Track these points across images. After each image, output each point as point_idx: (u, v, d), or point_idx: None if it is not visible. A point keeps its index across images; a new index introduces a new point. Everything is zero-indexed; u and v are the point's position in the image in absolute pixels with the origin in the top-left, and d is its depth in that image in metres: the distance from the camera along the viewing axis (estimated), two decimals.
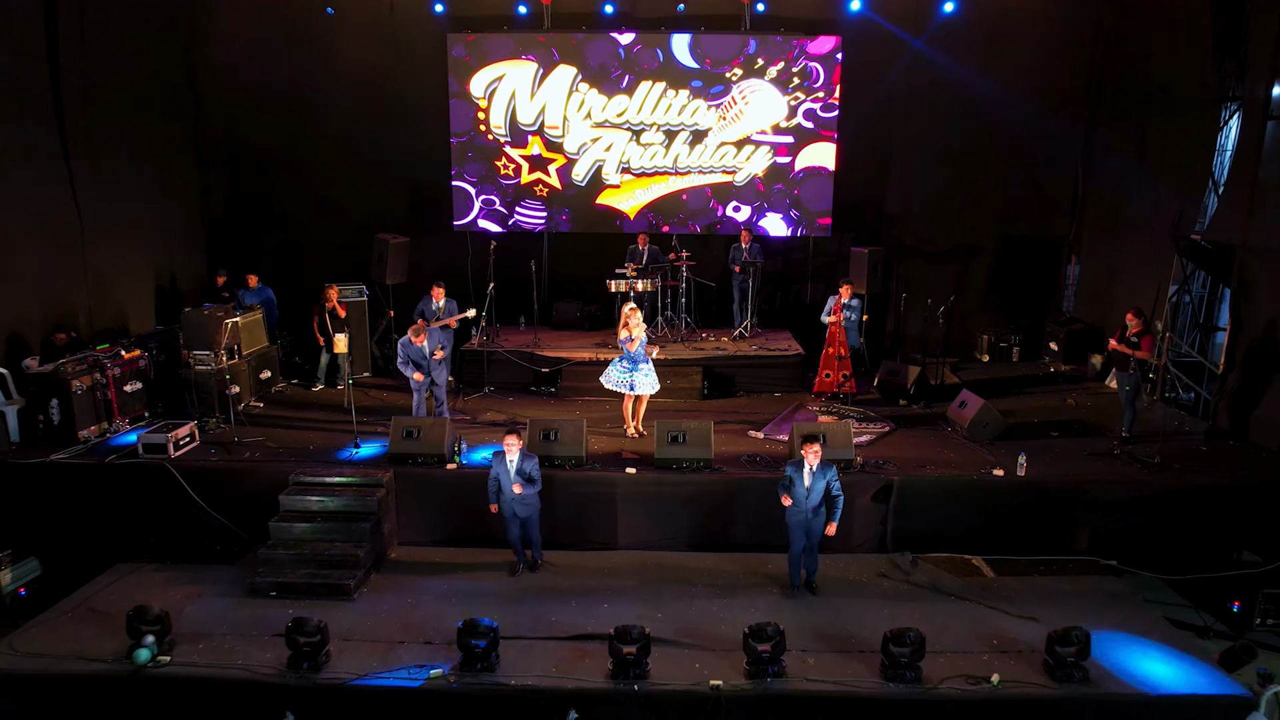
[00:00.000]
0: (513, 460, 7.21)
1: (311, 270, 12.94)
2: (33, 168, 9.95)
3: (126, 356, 9.59)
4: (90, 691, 6.18)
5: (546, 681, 6.07)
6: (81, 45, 10.55)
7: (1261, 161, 9.44)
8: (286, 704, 6.05)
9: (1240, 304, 9.75)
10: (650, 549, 8.15)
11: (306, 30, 12.74)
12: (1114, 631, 6.74)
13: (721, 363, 11.24)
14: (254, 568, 7.65)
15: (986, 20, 12.26)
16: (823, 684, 6.04)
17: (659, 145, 13.01)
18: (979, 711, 5.98)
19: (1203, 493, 8.32)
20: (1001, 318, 13.66)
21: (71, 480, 8.43)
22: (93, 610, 7.06)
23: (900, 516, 8.24)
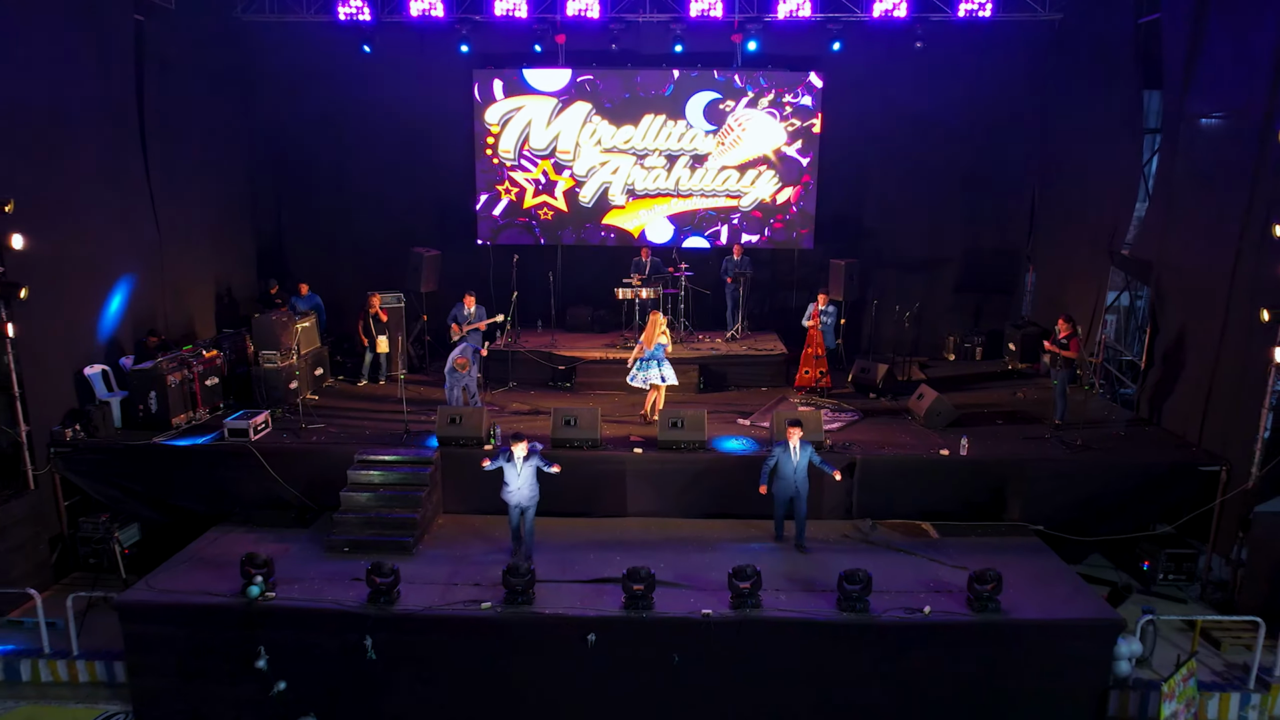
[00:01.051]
0: (517, 457, 8.45)
1: (349, 279, 14.57)
2: (122, 188, 11.49)
3: (207, 356, 11.24)
4: (213, 618, 7.81)
5: (573, 611, 7.70)
6: (163, 77, 12.18)
7: (1173, 186, 11.07)
8: (366, 630, 7.67)
9: (1157, 311, 11.37)
10: (654, 515, 9.79)
11: (346, 65, 14.28)
12: (1027, 576, 8.35)
13: (715, 361, 12.90)
14: (327, 530, 9.28)
15: (952, 58, 13.82)
16: (790, 612, 7.67)
17: (661, 169, 14.66)
18: (913, 634, 7.59)
19: (1116, 470, 9.96)
20: (967, 321, 15.32)
21: (170, 459, 10.06)
22: (203, 561, 8.69)
23: (863, 489, 9.87)
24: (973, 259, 15.11)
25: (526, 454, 8.43)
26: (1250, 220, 9.29)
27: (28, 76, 9.57)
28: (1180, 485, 9.84)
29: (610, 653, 7.59)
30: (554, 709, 7.78)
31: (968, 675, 7.66)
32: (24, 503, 9.38)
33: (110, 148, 11.17)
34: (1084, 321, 12.86)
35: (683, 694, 7.65)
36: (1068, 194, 13.84)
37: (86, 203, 10.61)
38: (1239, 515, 9.32)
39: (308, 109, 14.65)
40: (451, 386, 10.79)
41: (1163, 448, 10.36)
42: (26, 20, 9.57)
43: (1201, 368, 10.26)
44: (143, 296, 11.96)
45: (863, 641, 7.63)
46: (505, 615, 7.70)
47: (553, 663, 7.71)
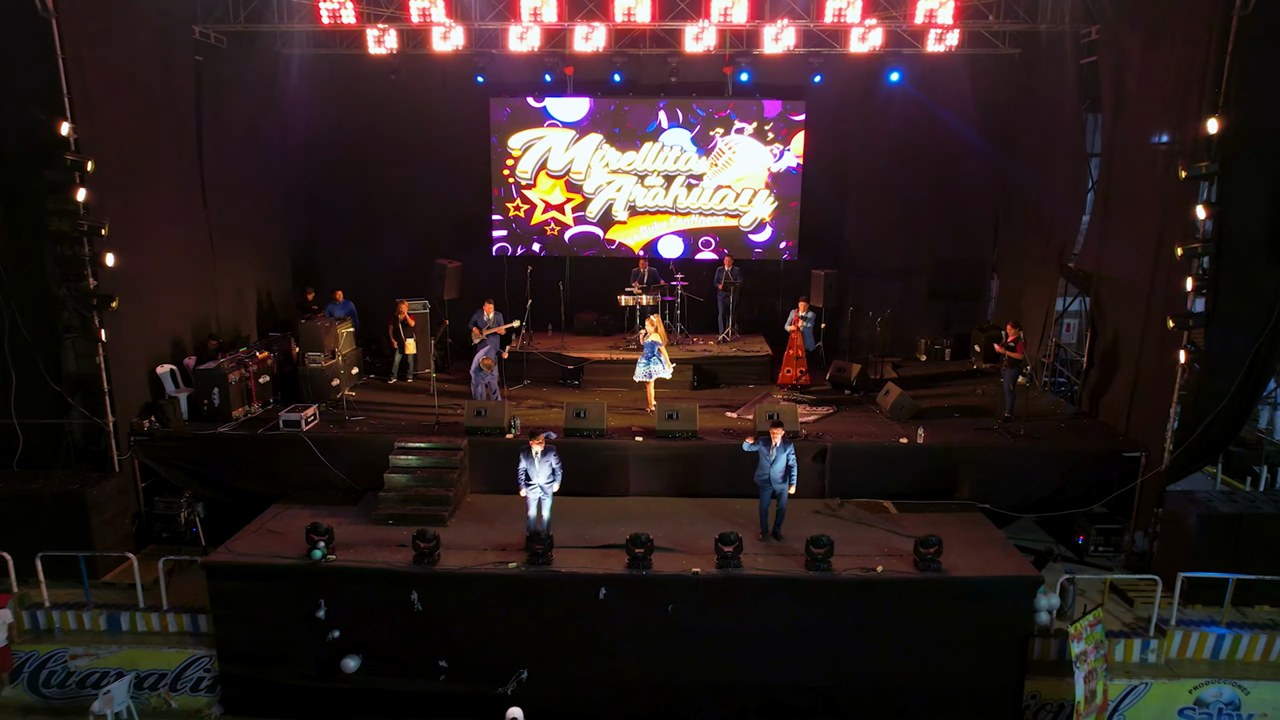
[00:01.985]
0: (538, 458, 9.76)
1: (375, 287, 15.99)
2: (184, 210, 13.05)
3: (260, 356, 12.79)
4: (283, 576, 9.35)
5: (585, 570, 9.24)
6: (216, 109, 13.71)
7: (1108, 206, 12.61)
8: (412, 586, 9.21)
9: (1096, 317, 12.92)
10: (653, 495, 11.33)
11: (374, 92, 15.76)
12: (967, 543, 9.88)
13: (707, 361, 14.45)
14: (371, 507, 10.81)
15: (923, 87, 15.31)
16: (765, 571, 9.22)
17: (659, 187, 16.20)
18: (867, 588, 9.13)
19: (1053, 456, 11.50)
20: (937, 325, 16.85)
21: (232, 446, 11.61)
22: (269, 531, 10.23)
23: (833, 472, 11.41)
24: (942, 269, 16.64)
25: (544, 449, 9.82)
26: (1161, 241, 10.83)
27: (116, 120, 11.08)
28: (1107, 469, 11.35)
29: (616, 604, 9.14)
30: (570, 650, 9.30)
31: (913, 622, 9.18)
32: (112, 483, 10.90)
33: (175, 176, 12.73)
34: (1039, 326, 14.43)
35: (676, 637, 9.19)
36: (1026, 210, 15.36)
37: (157, 224, 12.15)
38: (1155, 494, 10.86)
39: (338, 132, 16.15)
40: (476, 384, 12.34)
41: (1094, 437, 11.92)
42: (115, 72, 11.09)
43: (1128, 367, 11.82)
44: (200, 305, 13.54)
45: (825, 594, 9.16)
46: (529, 573, 9.24)
47: (569, 612, 9.24)
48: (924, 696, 9.25)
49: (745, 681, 9.28)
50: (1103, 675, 8.93)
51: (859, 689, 9.28)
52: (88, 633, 9.94)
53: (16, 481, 10.65)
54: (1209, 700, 9.40)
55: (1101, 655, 9.01)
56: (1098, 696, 8.84)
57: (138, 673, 9.69)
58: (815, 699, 9.28)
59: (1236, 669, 9.49)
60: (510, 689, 9.01)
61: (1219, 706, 9.40)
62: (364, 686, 9.39)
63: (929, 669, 9.21)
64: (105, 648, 9.78)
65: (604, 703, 9.36)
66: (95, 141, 10.50)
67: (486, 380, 12.35)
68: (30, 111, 10.05)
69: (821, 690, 9.27)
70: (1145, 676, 9.44)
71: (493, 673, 9.15)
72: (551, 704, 9.21)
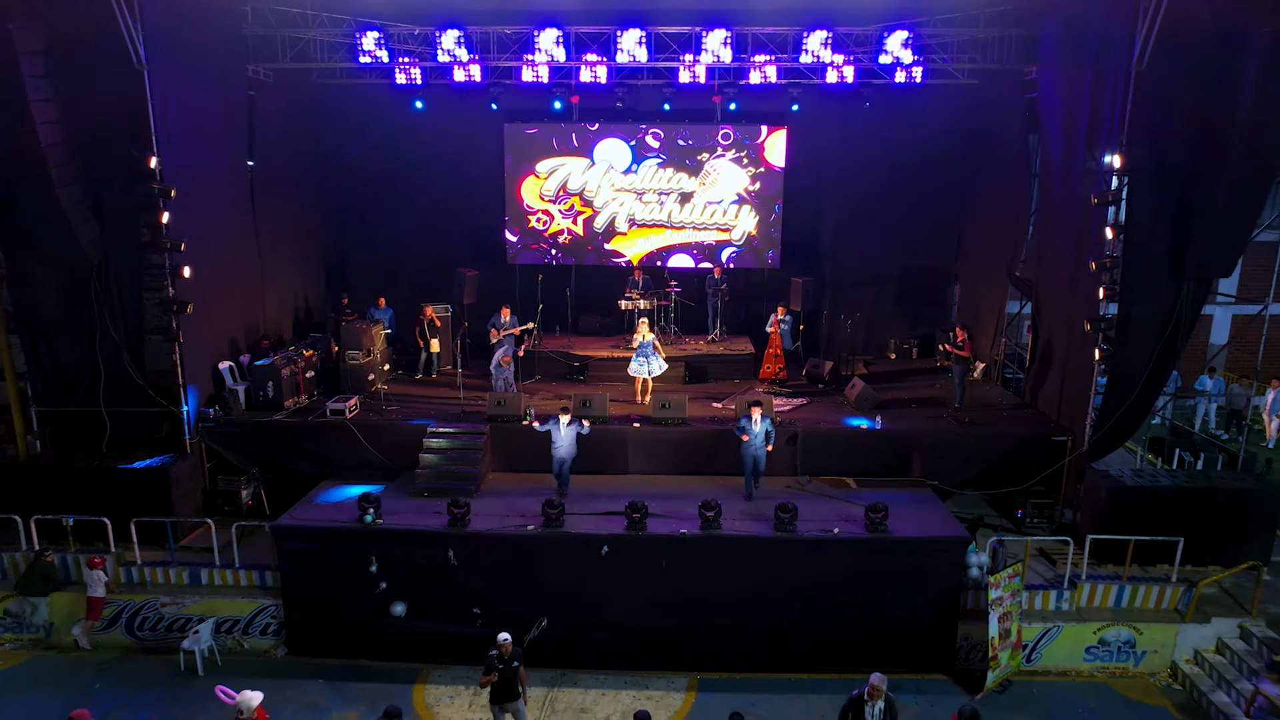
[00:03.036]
0: (564, 423, 12.00)
1: (400, 293, 17.81)
2: (238, 227, 14.91)
3: (306, 354, 14.66)
4: (339, 537, 11.22)
5: (591, 531, 11.11)
6: (264, 132, 15.56)
7: (1046, 221, 14.46)
8: (448, 545, 11.08)
9: (1036, 320, 14.79)
10: (648, 473, 13.20)
11: (400, 118, 17.55)
12: (913, 512, 11.75)
13: (698, 359, 16.32)
14: (407, 484, 12.68)
15: (891, 113, 17.07)
16: (740, 532, 11.09)
17: (655, 203, 18.09)
18: (825, 546, 10.99)
19: (992, 440, 13.36)
20: (905, 327, 18.73)
21: (285, 432, 13.48)
22: (323, 502, 12.10)
23: (803, 453, 13.27)
24: (909, 276, 18.52)
25: (569, 420, 11.81)
26: (1081, 255, 12.70)
27: (189, 152, 12.92)
28: (1039, 451, 13.19)
29: (616, 559, 11.02)
30: (577, 597, 11.15)
31: (863, 575, 11.04)
32: (185, 463, 12.78)
33: (232, 197, 14.59)
34: (991, 328, 16.31)
35: (667, 585, 11.06)
36: (982, 224, 17.24)
37: (219, 240, 14.01)
38: (1078, 473, 12.72)
39: (367, 153, 18.00)
40: (497, 379, 14.21)
41: (1030, 424, 13.79)
42: (188, 111, 12.93)
43: (1059, 363, 13.69)
44: (250, 309, 15.42)
45: (790, 551, 11.03)
46: (545, 534, 11.12)
47: (577, 566, 11.10)
48: (875, 636, 11.10)
49: (724, 624, 11.15)
50: (1018, 618, 10.81)
51: (820, 630, 11.13)
52: (173, 586, 11.85)
53: (108, 461, 12.52)
54: (1110, 639, 11.27)
55: (1018, 602, 10.89)
56: (1012, 635, 10.72)
57: (217, 618, 11.57)
58: (782, 638, 11.14)
59: (1134, 614, 11.37)
60: (533, 634, 10.86)
61: (1118, 645, 11.28)
62: (409, 630, 11.24)
63: (878, 613, 11.07)
64: (189, 597, 11.67)
65: (608, 643, 11.20)
66: (174, 171, 12.36)
67: (505, 375, 14.22)
68: (125, 148, 11.89)
69: (788, 630, 11.13)
70: (1059, 621, 11.32)
71: (516, 618, 10.95)
72: (565, 644, 11.07)
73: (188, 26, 12.79)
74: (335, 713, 10.47)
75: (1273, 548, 12.03)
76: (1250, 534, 11.73)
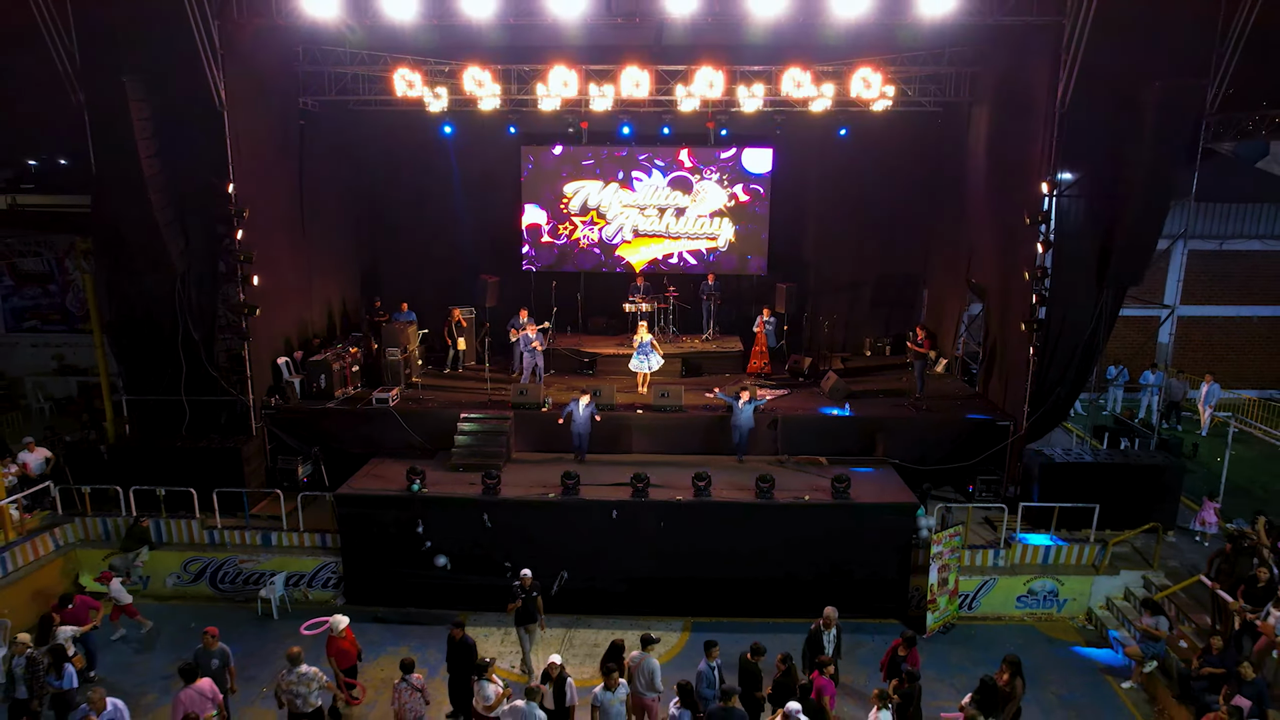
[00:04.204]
0: (582, 404, 14.25)
1: (427, 298, 19.96)
2: (291, 242, 17.07)
3: (352, 351, 16.83)
4: (390, 504, 13.37)
5: (602, 498, 13.27)
6: (311, 156, 17.70)
7: (991, 235, 16.62)
8: (483, 510, 13.24)
9: (988, 320, 16.96)
10: (650, 453, 15.35)
11: (428, 140, 19.78)
12: (874, 483, 13.91)
13: (693, 355, 18.48)
14: (444, 460, 14.83)
15: (866, 137, 19.26)
16: (727, 499, 13.25)
17: (654, 216, 20.27)
18: (797, 511, 13.13)
19: (945, 425, 15.53)
20: (879, 327, 20.91)
21: (336, 418, 15.64)
22: (375, 475, 14.27)
23: (783, 437, 15.42)
24: (883, 282, 20.70)
25: (587, 403, 14.04)
26: (1020, 265, 14.86)
27: (255, 177, 15.07)
28: (986, 435, 15.35)
29: (624, 522, 13.18)
30: (590, 553, 13.28)
31: (829, 534, 13.18)
32: (253, 444, 14.92)
33: (287, 215, 16.74)
34: (952, 328, 18.46)
35: (666, 544, 13.20)
36: (945, 236, 19.40)
37: (278, 252, 16.16)
38: (1019, 453, 14.87)
39: (398, 171, 20.21)
40: (527, 363, 16.43)
41: (979, 411, 15.94)
42: (255, 142, 15.08)
43: (1004, 359, 15.86)
44: (300, 312, 17.57)
45: (768, 515, 13.19)
46: (564, 500, 13.29)
47: (591, 527, 13.24)
48: (839, 586, 13.18)
49: (712, 575, 13.30)
50: (955, 570, 12.97)
51: (793, 581, 13.27)
52: (248, 546, 14.00)
53: (188, 442, 14.67)
54: (1037, 589, 13.44)
55: (956, 557, 13.05)
56: (949, 584, 12.89)
57: (286, 573, 13.72)
58: (762, 587, 13.29)
59: (1058, 569, 13.53)
60: (557, 587, 12.99)
61: (1044, 594, 13.44)
62: (450, 581, 13.39)
63: (842, 567, 13.21)
64: (262, 555, 13.83)
65: (619, 594, 13.34)
66: (245, 195, 14.52)
67: (536, 361, 16.43)
68: (207, 176, 14.04)
69: (766, 581, 13.28)
70: (995, 575, 13.49)
71: (539, 572, 13.06)
72: (581, 594, 13.22)
73: (256, 71, 14.94)
74: (390, 647, 12.59)
75: (1177, 514, 14.23)
76: (1158, 503, 13.90)
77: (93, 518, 14.10)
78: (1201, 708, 9.91)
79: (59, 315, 21.70)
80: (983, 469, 15.30)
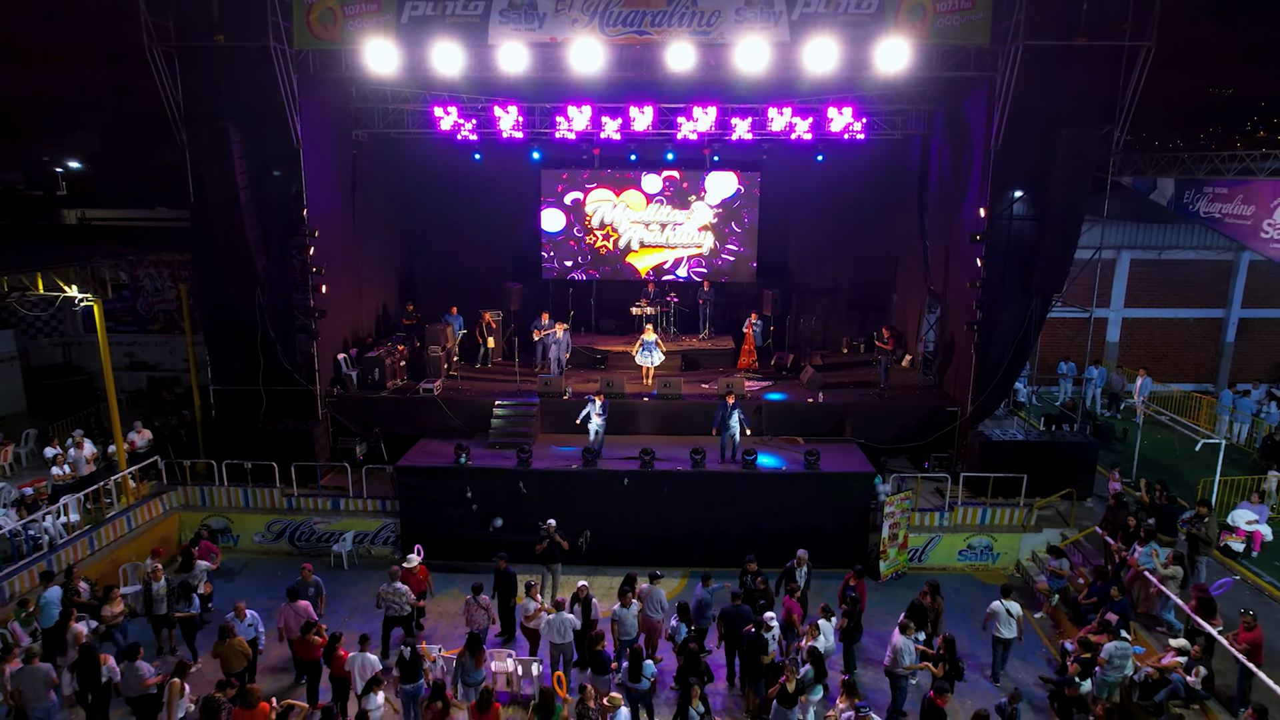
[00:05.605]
0: (595, 402, 17.02)
1: (457, 302, 22.75)
2: (346, 255, 19.92)
3: (399, 349, 19.68)
4: (441, 473, 16.20)
5: (616, 467, 16.12)
6: (361, 180, 20.55)
7: (948, 250, 19.47)
8: (518, 479, 16.08)
9: (943, 322, 19.81)
10: (655, 434, 18.20)
11: (458, 166, 22.63)
12: (840, 457, 16.75)
13: (690, 352, 21.35)
14: (482, 439, 17.66)
15: (842, 162, 22.12)
16: (718, 470, 16.10)
17: (656, 229, 23.16)
18: (776, 478, 15.98)
19: (904, 410, 18.38)
20: (854, 328, 23.77)
21: (388, 405, 18.49)
22: (426, 452, 17.11)
23: (767, 420, 18.26)
24: (858, 288, 23.57)
25: (602, 401, 16.84)
26: (961, 275, 17.70)
27: (321, 202, 17.91)
28: (939, 419, 18.19)
29: (633, 489, 16.02)
30: (604, 515, 16.08)
31: (804, 499, 16.01)
32: (320, 427, 17.76)
33: (344, 233, 19.59)
34: (915, 329, 21.30)
35: (668, 505, 16.04)
36: (909, 248, 22.24)
37: (338, 264, 19.00)
38: (965, 434, 17.71)
39: (434, 193, 23.08)
40: (552, 355, 19.24)
41: (934, 399, 18.79)
42: (322, 172, 17.94)
43: (954, 355, 18.70)
44: (354, 315, 20.43)
45: (752, 482, 16.03)
46: (584, 471, 16.14)
47: (606, 492, 16.08)
48: (812, 540, 15.91)
49: (706, 532, 16.11)
50: (905, 527, 15.82)
51: (773, 536, 16.02)
52: (321, 510, 16.85)
53: (267, 425, 17.50)
54: (975, 545, 16.28)
55: (906, 517, 15.89)
56: (899, 538, 15.75)
57: (354, 532, 16.56)
58: (747, 542, 16.05)
59: (992, 528, 16.37)
60: (585, 545, 15.77)
61: (980, 548, 16.29)
62: (489, 538, 16.21)
63: (813, 524, 16.00)
64: (333, 518, 16.69)
65: (629, 548, 16.12)
66: (314, 217, 17.36)
67: (558, 354, 19.25)
68: (285, 202, 16.87)
69: (751, 536, 16.05)
70: (939, 533, 16.34)
71: (565, 529, 15.84)
72: (599, 549, 16.02)
73: (322, 112, 17.82)
74: (441, 592, 15.39)
75: (1093, 483, 17.08)
76: (1077, 474, 16.73)
77: (191, 487, 16.96)
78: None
79: (130, 317, 24.51)
80: (936, 447, 18.16)
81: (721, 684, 12.44)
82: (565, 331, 19.63)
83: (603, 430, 16.96)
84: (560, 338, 19.37)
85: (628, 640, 12.05)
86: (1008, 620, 12.27)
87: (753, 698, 11.66)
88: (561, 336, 19.40)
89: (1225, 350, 25.69)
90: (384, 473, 17.12)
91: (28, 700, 10.12)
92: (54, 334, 24.17)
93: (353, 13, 16.07)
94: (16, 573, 13.53)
